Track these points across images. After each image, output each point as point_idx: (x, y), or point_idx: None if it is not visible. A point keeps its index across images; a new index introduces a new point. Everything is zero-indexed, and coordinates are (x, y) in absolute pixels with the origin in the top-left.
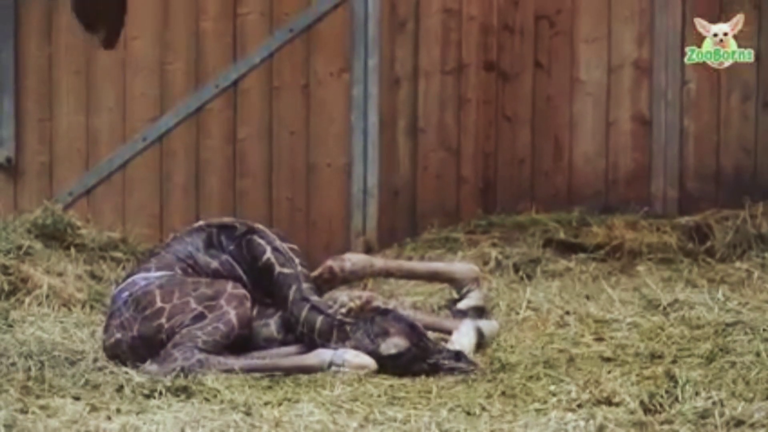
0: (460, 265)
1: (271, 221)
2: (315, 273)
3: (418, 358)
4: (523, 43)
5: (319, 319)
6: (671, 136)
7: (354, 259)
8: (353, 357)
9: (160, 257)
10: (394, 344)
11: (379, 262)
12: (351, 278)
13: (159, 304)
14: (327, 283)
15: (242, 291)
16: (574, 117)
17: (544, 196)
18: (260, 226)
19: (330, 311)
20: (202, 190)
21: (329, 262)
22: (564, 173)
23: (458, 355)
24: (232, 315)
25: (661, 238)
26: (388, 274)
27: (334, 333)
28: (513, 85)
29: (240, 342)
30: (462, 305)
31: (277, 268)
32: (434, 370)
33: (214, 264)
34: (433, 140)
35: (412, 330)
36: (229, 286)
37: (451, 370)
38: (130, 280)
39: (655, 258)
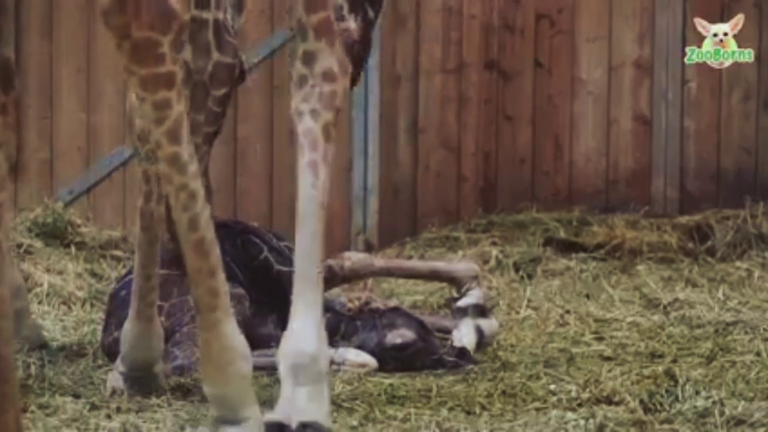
0: (460, 264)
1: (272, 220)
2: None
3: (422, 352)
4: (524, 42)
5: (326, 316)
6: (672, 135)
7: (354, 258)
8: (354, 356)
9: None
10: (400, 335)
11: (379, 261)
12: (351, 277)
13: (157, 302)
14: (327, 282)
15: (240, 290)
16: (575, 116)
17: (544, 195)
18: (255, 225)
19: (336, 308)
20: None
21: (329, 261)
22: (564, 172)
23: (462, 352)
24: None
25: (662, 238)
26: (388, 273)
27: (342, 329)
28: (513, 85)
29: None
30: (462, 303)
31: (275, 267)
32: (438, 365)
33: None
34: (434, 139)
35: (419, 325)
36: (227, 286)
37: (454, 367)
38: (128, 278)
39: (655, 257)
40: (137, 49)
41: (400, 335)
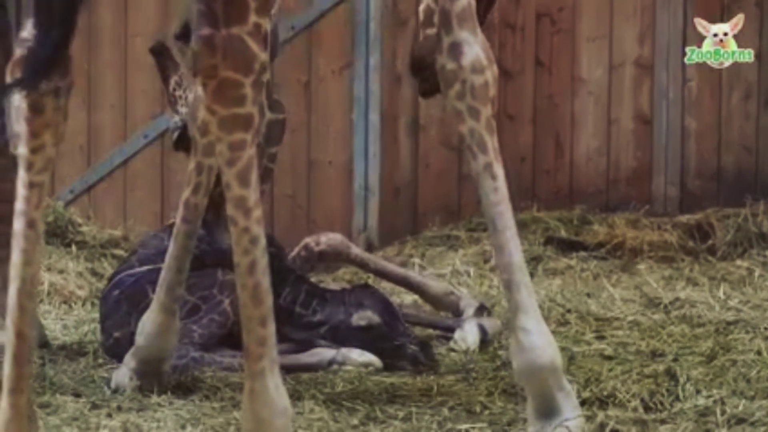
0: (433, 282)
1: (272, 219)
2: (293, 253)
3: (385, 337)
4: (525, 41)
5: (304, 289)
6: (672, 134)
7: (330, 236)
8: (358, 356)
9: (140, 254)
10: (366, 317)
11: (357, 249)
12: (327, 254)
13: (152, 296)
14: (306, 262)
15: (234, 278)
16: (576, 115)
17: (545, 195)
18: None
19: (313, 281)
20: None
21: (305, 240)
22: (565, 171)
23: (424, 346)
24: (227, 303)
25: (662, 237)
26: (362, 262)
27: (314, 303)
28: (514, 84)
29: (238, 335)
30: (467, 315)
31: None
32: (397, 352)
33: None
34: (435, 138)
35: (387, 309)
36: (219, 274)
37: (413, 359)
38: (117, 279)
39: (656, 256)
40: (221, 88)
41: (366, 317)
